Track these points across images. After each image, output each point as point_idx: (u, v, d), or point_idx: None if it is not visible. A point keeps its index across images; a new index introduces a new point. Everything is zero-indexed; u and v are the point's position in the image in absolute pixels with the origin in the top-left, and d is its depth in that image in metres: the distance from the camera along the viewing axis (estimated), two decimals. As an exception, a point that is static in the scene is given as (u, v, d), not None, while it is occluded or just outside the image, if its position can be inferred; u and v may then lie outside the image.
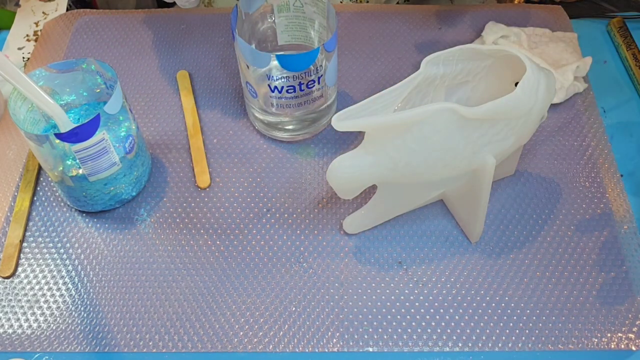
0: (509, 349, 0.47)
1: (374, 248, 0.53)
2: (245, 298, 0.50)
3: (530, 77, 0.45)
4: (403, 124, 0.44)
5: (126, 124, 0.55)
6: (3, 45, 0.72)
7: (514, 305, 0.49)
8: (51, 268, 0.52)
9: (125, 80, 0.66)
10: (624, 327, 0.48)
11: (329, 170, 0.46)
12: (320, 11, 0.54)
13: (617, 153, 0.58)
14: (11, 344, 0.48)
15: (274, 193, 0.56)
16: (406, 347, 0.47)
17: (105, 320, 0.49)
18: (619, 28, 0.68)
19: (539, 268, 0.51)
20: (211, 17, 0.72)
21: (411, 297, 0.50)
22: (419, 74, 0.48)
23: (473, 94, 0.52)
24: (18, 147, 0.61)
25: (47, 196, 0.57)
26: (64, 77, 0.53)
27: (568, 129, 0.60)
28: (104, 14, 0.73)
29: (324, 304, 0.50)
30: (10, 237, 0.54)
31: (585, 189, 0.56)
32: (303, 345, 0.48)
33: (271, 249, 0.53)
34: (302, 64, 0.51)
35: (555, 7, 0.71)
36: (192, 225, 0.55)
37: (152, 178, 0.58)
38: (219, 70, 0.67)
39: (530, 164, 0.58)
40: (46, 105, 0.49)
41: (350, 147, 0.47)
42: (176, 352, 0.48)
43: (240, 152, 0.59)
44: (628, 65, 0.66)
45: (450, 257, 0.52)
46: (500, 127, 0.46)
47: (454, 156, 0.46)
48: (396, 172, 0.46)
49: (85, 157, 0.49)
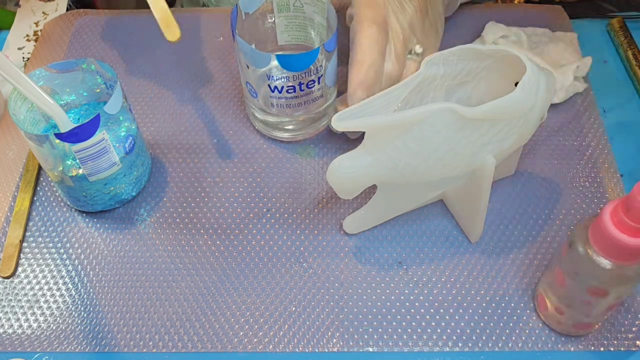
0: (509, 349, 0.47)
1: (374, 248, 0.52)
2: (245, 298, 0.50)
3: (530, 77, 0.45)
4: (403, 124, 0.44)
5: (126, 124, 0.55)
6: (3, 45, 0.72)
7: (514, 305, 0.49)
8: (51, 268, 0.52)
9: (125, 80, 0.66)
10: (624, 327, 0.48)
11: (329, 170, 0.46)
12: (320, 11, 0.53)
13: (617, 153, 0.58)
14: (11, 344, 0.48)
15: (274, 193, 0.56)
16: (406, 347, 0.47)
17: (105, 320, 0.49)
18: (619, 28, 0.68)
19: (539, 268, 0.51)
20: (211, 17, 0.72)
21: (411, 297, 0.50)
22: (419, 74, 0.48)
23: (473, 94, 0.52)
24: (18, 147, 0.61)
25: (47, 196, 0.57)
26: (64, 77, 0.53)
27: (568, 129, 0.60)
28: (104, 14, 0.73)
29: (324, 304, 0.50)
30: (10, 237, 0.54)
31: (585, 189, 0.56)
32: (303, 345, 0.48)
33: (271, 249, 0.53)
34: (302, 64, 0.51)
35: (555, 7, 0.71)
36: (192, 225, 0.55)
37: (152, 178, 0.58)
38: (219, 70, 0.67)
39: (530, 164, 0.58)
40: (46, 105, 0.49)
41: (350, 147, 0.47)
42: (176, 352, 0.48)
43: (240, 152, 0.59)
44: (628, 65, 0.66)
45: (450, 257, 0.52)
46: (500, 127, 0.46)
47: (454, 156, 0.46)
48: (396, 172, 0.46)
49: (85, 157, 0.49)
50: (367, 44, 0.50)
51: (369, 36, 0.50)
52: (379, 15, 0.51)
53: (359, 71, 0.50)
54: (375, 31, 0.50)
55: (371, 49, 0.50)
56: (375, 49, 0.50)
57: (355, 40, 0.51)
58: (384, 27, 0.51)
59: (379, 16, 0.51)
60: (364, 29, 0.50)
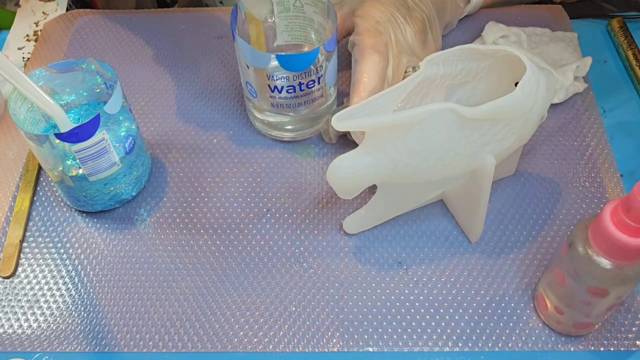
0: (508, 349, 0.47)
1: (374, 248, 0.53)
2: (245, 298, 0.50)
3: (530, 77, 0.45)
4: (403, 124, 0.44)
5: (126, 124, 0.55)
6: (3, 45, 0.72)
7: (514, 305, 0.49)
8: (51, 268, 0.52)
9: (125, 80, 0.66)
10: (624, 327, 0.48)
11: (329, 170, 0.46)
12: (320, 11, 0.54)
13: (617, 153, 0.58)
14: (11, 344, 0.48)
15: (274, 193, 0.56)
16: (406, 347, 0.47)
17: (105, 320, 0.49)
18: (619, 28, 0.68)
19: (539, 268, 0.51)
20: (211, 17, 0.72)
21: (411, 297, 0.50)
22: (419, 74, 0.48)
23: (473, 94, 0.52)
24: (18, 147, 0.61)
25: (47, 196, 0.57)
26: (64, 77, 0.53)
27: (568, 129, 0.60)
28: (104, 14, 0.73)
29: (324, 304, 0.50)
30: (10, 237, 0.54)
31: (585, 189, 0.56)
32: (303, 345, 0.48)
33: (271, 249, 0.53)
34: (302, 64, 0.51)
35: (555, 7, 0.71)
36: (192, 225, 0.55)
37: (152, 178, 0.58)
38: (219, 70, 0.67)
39: (530, 164, 0.58)
40: (46, 105, 0.49)
41: (350, 147, 0.47)
42: (176, 352, 0.48)
43: (240, 152, 0.59)
44: (628, 65, 0.66)
45: (450, 257, 0.52)
46: (500, 127, 0.46)
47: (454, 156, 0.46)
48: (396, 172, 0.46)
49: (85, 157, 0.49)
50: (369, 70, 0.53)
51: (370, 63, 0.53)
52: (381, 43, 0.54)
53: (359, 97, 0.53)
54: (377, 58, 0.53)
55: (372, 75, 0.53)
56: (376, 76, 0.53)
57: (358, 67, 0.54)
58: (384, 55, 0.54)
59: (381, 44, 0.54)
60: (366, 57, 0.53)
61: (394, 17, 0.56)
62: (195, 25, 0.71)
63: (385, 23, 0.55)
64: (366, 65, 0.53)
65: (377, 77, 0.53)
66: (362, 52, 0.54)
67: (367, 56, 0.53)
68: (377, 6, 0.56)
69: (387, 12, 0.56)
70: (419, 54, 0.57)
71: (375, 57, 0.53)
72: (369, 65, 0.53)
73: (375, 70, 0.53)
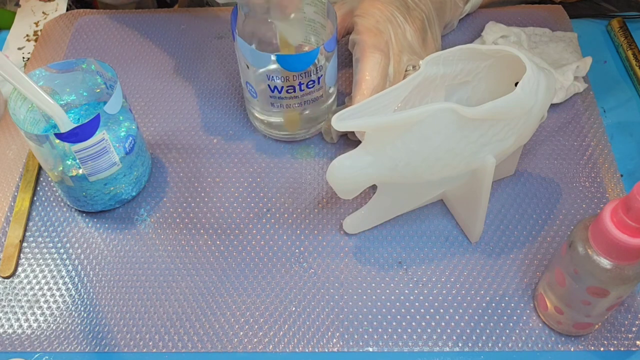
0: (508, 349, 0.47)
1: (374, 248, 0.52)
2: (245, 298, 0.50)
3: (530, 77, 0.45)
4: (403, 124, 0.44)
5: (126, 124, 0.55)
6: (3, 45, 0.72)
7: (514, 305, 0.49)
8: (51, 268, 0.52)
9: (125, 80, 0.66)
10: (624, 327, 0.48)
11: (329, 170, 0.46)
12: (320, 11, 0.53)
13: (617, 153, 0.58)
14: (11, 344, 0.48)
15: (274, 193, 0.56)
16: (406, 347, 0.47)
17: (105, 320, 0.49)
18: (619, 28, 0.68)
19: (539, 268, 0.51)
20: (211, 17, 0.72)
21: (411, 297, 0.50)
22: (419, 74, 0.48)
23: (473, 94, 0.52)
24: (18, 147, 0.61)
25: (47, 196, 0.57)
26: (64, 77, 0.53)
27: (568, 129, 0.60)
28: (104, 14, 0.73)
29: (324, 304, 0.50)
30: (10, 237, 0.54)
31: (585, 189, 0.56)
32: (303, 345, 0.48)
33: (271, 249, 0.53)
34: (302, 64, 0.51)
35: (555, 7, 0.71)
36: (192, 225, 0.55)
37: (152, 178, 0.58)
38: (219, 70, 0.67)
39: (530, 164, 0.58)
40: (46, 105, 0.49)
41: (350, 147, 0.47)
42: (176, 352, 0.48)
43: (240, 152, 0.59)
44: (628, 65, 0.66)
45: (450, 257, 0.52)
46: (500, 127, 0.46)
47: (454, 156, 0.46)
48: (396, 172, 0.46)
49: (85, 157, 0.49)
50: (370, 69, 0.53)
51: (372, 62, 0.53)
52: (381, 42, 0.54)
53: (362, 95, 0.53)
54: (378, 57, 0.54)
55: (374, 74, 0.53)
56: (378, 75, 0.53)
57: (360, 66, 0.54)
58: (386, 53, 0.54)
59: (382, 42, 0.54)
60: (368, 55, 0.54)
61: (394, 16, 0.56)
62: (195, 25, 0.71)
63: (385, 22, 0.55)
64: (368, 63, 0.53)
65: (380, 75, 0.53)
66: (364, 50, 0.54)
67: (369, 55, 0.54)
68: (377, 5, 0.56)
69: (387, 11, 0.56)
70: (419, 52, 0.57)
71: (377, 56, 0.53)
72: (371, 64, 0.53)
73: (377, 69, 0.53)
